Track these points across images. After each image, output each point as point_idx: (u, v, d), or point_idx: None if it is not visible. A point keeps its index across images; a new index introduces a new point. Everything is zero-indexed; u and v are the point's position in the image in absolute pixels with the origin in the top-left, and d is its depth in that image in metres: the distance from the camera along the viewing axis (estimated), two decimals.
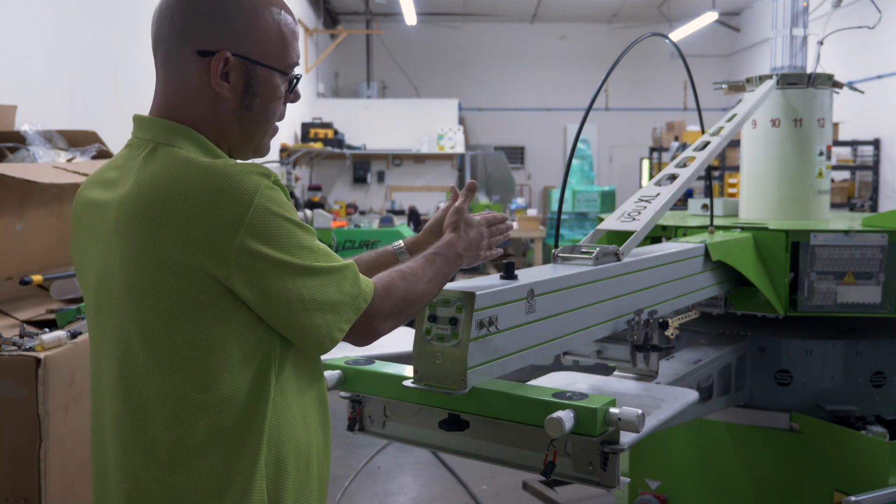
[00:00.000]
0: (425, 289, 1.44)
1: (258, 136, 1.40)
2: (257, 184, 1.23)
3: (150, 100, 1.38)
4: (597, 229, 2.31)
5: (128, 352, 1.29)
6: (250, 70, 1.33)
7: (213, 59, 1.30)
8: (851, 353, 3.04)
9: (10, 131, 2.94)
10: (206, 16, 1.31)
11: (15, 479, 2.04)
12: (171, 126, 1.32)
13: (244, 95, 1.34)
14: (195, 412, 1.26)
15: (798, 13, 3.38)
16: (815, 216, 3.31)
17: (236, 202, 1.21)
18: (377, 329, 1.36)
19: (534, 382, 1.92)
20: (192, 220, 1.21)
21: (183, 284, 1.23)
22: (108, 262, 1.30)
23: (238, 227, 1.20)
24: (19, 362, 2.04)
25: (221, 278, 1.22)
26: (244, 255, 1.21)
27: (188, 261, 1.21)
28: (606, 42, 15.51)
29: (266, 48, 1.34)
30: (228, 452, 1.27)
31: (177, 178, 1.24)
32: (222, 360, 1.26)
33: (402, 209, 11.68)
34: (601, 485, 1.55)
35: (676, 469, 3.26)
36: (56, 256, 2.72)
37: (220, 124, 1.35)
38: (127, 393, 1.30)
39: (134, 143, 1.36)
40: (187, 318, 1.24)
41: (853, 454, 2.82)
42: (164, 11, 1.33)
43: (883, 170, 10.30)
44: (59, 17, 4.10)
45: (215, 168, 1.24)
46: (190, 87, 1.33)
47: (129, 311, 1.28)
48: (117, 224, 1.28)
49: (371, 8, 14.11)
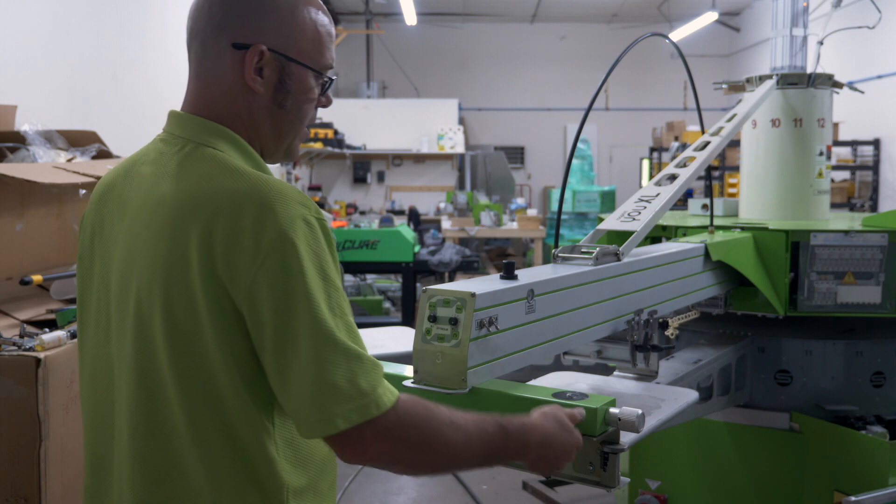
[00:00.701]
0: (456, 441, 1.22)
1: (290, 137, 1.37)
2: (300, 214, 1.18)
3: (149, 100, 1.38)
4: (597, 229, 2.31)
5: (149, 355, 1.23)
6: (285, 67, 1.31)
7: (249, 53, 1.28)
8: (851, 353, 3.04)
9: (10, 131, 2.94)
10: (244, 9, 1.29)
11: (15, 479, 2.04)
12: (209, 125, 1.30)
13: (277, 92, 1.32)
14: (214, 438, 1.21)
15: (798, 13, 3.37)
16: (815, 216, 3.31)
17: (272, 226, 1.15)
18: (367, 447, 1.16)
19: (534, 382, 1.91)
20: (230, 228, 1.16)
21: (207, 291, 1.18)
22: (136, 263, 1.25)
23: (264, 250, 1.15)
24: (19, 362, 2.04)
25: (236, 299, 1.17)
26: (262, 283, 1.15)
27: (219, 270, 1.17)
28: (606, 42, 15.51)
29: (302, 46, 1.32)
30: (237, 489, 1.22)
31: (223, 183, 1.20)
32: (227, 387, 1.21)
33: (402, 209, 11.70)
34: (601, 485, 1.54)
35: (676, 469, 3.26)
36: (56, 256, 2.72)
37: (252, 121, 1.32)
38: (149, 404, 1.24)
39: (168, 139, 1.32)
40: (203, 331, 1.19)
41: (853, 454, 2.82)
42: (202, 3, 1.31)
43: (883, 170, 10.30)
44: (59, 17, 4.09)
45: (266, 181, 1.20)
46: (224, 81, 1.30)
47: (153, 313, 1.22)
48: (152, 225, 1.23)
49: (371, 8, 14.11)
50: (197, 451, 1.22)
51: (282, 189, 1.19)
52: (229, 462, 1.22)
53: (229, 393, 1.20)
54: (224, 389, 1.20)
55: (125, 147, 3.63)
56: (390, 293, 8.63)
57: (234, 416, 1.21)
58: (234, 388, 1.20)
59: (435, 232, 8.57)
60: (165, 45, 5.28)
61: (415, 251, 6.93)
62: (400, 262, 6.86)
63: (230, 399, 1.21)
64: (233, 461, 1.22)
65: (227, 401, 1.21)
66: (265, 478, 1.23)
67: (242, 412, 1.21)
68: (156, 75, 4.98)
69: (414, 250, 6.90)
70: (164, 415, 1.23)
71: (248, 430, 1.22)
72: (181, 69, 1.47)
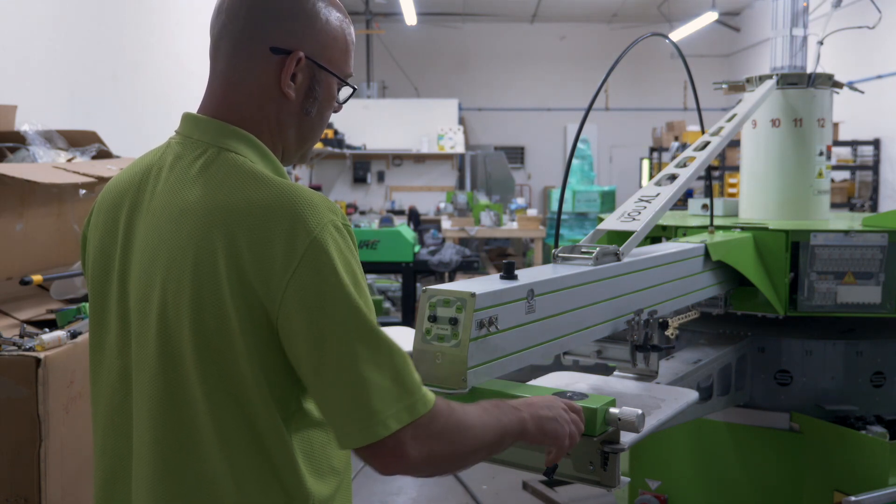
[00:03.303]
0: (478, 440, 1.24)
1: (310, 142, 1.37)
2: (330, 220, 1.17)
3: (149, 100, 1.37)
4: (597, 229, 2.31)
5: (176, 365, 1.20)
6: (316, 74, 1.31)
7: (289, 58, 1.27)
8: (851, 353, 3.04)
9: (10, 131, 2.94)
10: (285, 13, 1.27)
11: (15, 479, 2.04)
12: (229, 129, 1.26)
13: (306, 99, 1.31)
14: (240, 446, 1.19)
15: (798, 13, 3.38)
16: (815, 216, 3.31)
17: (304, 234, 1.14)
18: (409, 456, 1.14)
19: (534, 382, 1.92)
20: (259, 239, 1.14)
21: (237, 301, 1.15)
22: (161, 272, 1.21)
23: (296, 258, 1.13)
24: (19, 362, 2.04)
25: (269, 309, 1.15)
26: (295, 290, 1.13)
27: (248, 279, 1.15)
28: (606, 42, 15.51)
29: (333, 55, 1.33)
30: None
31: (249, 194, 1.18)
32: (254, 397, 1.19)
33: (402, 209, 11.69)
34: (601, 484, 1.55)
35: (676, 469, 3.26)
36: (56, 256, 2.72)
37: (279, 126, 1.30)
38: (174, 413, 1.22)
39: (186, 143, 1.28)
40: (233, 341, 1.17)
41: (853, 454, 2.82)
42: (236, 3, 1.28)
43: (883, 170, 10.30)
44: (59, 17, 4.10)
45: (293, 189, 1.18)
46: (255, 85, 1.28)
47: (181, 324, 1.19)
48: (178, 234, 1.20)
49: (371, 8, 14.11)
50: (226, 463, 1.20)
51: (311, 197, 1.18)
52: (258, 475, 1.21)
53: (259, 404, 1.19)
54: (254, 401, 1.19)
55: (125, 147, 3.63)
56: (390, 293, 8.64)
57: (263, 427, 1.20)
58: (262, 400, 1.19)
59: (435, 232, 8.57)
60: (166, 46, 5.28)
61: (415, 251, 6.93)
62: (400, 262, 6.86)
63: (260, 410, 1.19)
64: (261, 474, 1.21)
65: (257, 412, 1.19)
66: (293, 489, 1.22)
67: (270, 423, 1.20)
68: (156, 75, 4.98)
69: (414, 250, 6.90)
70: (190, 427, 1.20)
71: (276, 441, 1.20)
72: (181, 69, 1.46)
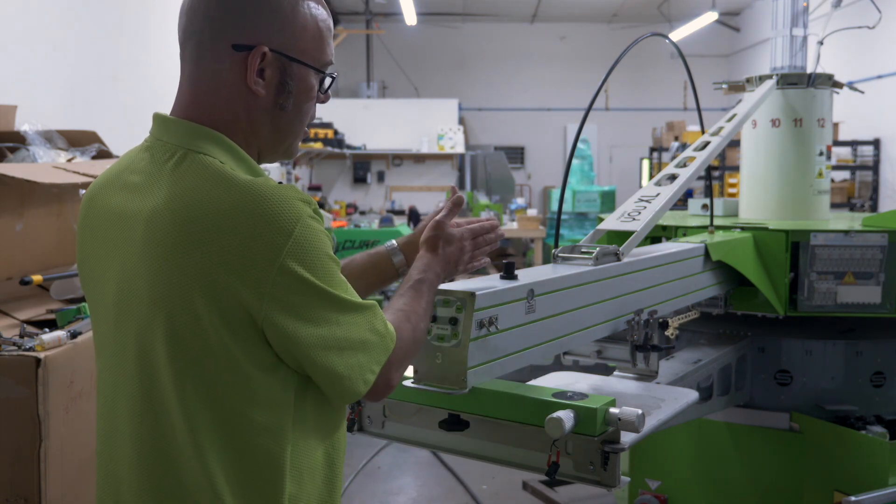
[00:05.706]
0: (425, 325, 1.39)
1: (290, 138, 1.33)
2: (300, 212, 1.16)
3: (149, 100, 1.37)
4: (597, 229, 2.31)
5: (152, 372, 1.20)
6: (287, 67, 1.26)
7: (251, 55, 1.23)
8: (851, 353, 3.04)
9: (10, 131, 2.94)
10: (243, 8, 1.23)
11: (15, 479, 2.04)
12: (200, 130, 1.24)
13: (278, 94, 1.27)
14: (219, 446, 1.19)
15: (798, 13, 3.38)
16: (815, 216, 3.31)
17: (278, 229, 1.14)
18: (392, 380, 1.28)
19: (534, 382, 1.92)
20: (230, 243, 1.13)
21: (211, 307, 1.15)
22: (133, 277, 1.21)
23: (277, 255, 1.13)
24: (19, 362, 2.04)
25: (253, 309, 1.15)
26: (280, 286, 1.14)
27: (221, 284, 1.14)
28: (606, 42, 15.51)
29: (304, 45, 1.27)
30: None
31: (215, 196, 1.16)
32: (240, 397, 1.19)
33: (402, 209, 11.69)
34: (602, 484, 1.55)
35: (676, 469, 3.26)
36: (56, 256, 2.72)
37: (251, 124, 1.27)
38: (153, 416, 1.21)
39: (156, 146, 1.26)
40: (209, 347, 1.16)
41: (853, 454, 2.82)
42: (196, 2, 1.25)
43: (883, 170, 10.30)
44: (59, 17, 4.10)
45: (257, 189, 1.16)
46: (222, 84, 1.24)
47: (154, 330, 1.18)
48: (147, 239, 1.19)
49: (371, 8, 14.11)
50: (202, 472, 1.19)
51: (280, 193, 1.17)
52: (236, 483, 1.20)
53: (235, 412, 1.19)
54: (230, 408, 1.18)
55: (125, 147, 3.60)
56: (390, 293, 8.64)
57: (241, 435, 1.19)
58: (239, 407, 1.19)
59: None
60: (166, 45, 5.27)
61: None
62: None
63: (236, 418, 1.19)
64: (239, 481, 1.20)
65: (233, 419, 1.19)
66: (272, 496, 1.22)
67: (248, 431, 1.19)
68: (156, 75, 4.98)
69: None
70: (168, 436, 1.20)
71: (254, 448, 1.20)
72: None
